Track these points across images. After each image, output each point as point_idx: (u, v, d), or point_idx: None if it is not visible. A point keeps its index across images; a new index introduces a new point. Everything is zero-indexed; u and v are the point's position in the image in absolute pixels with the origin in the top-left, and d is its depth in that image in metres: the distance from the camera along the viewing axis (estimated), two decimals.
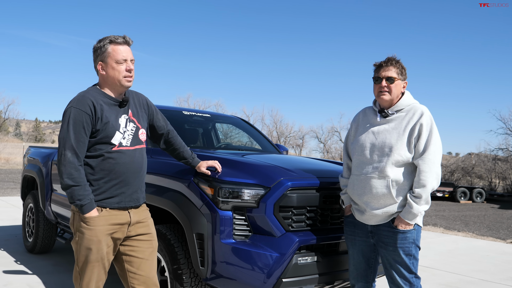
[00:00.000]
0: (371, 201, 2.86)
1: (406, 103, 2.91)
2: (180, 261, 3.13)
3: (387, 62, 2.91)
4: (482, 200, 23.73)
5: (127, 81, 2.60)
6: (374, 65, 2.97)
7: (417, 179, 2.77)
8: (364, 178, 2.89)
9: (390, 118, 2.91)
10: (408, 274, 2.84)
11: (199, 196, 3.08)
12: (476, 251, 7.79)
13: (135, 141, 2.67)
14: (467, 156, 37.00)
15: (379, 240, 2.91)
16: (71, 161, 2.44)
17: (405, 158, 2.80)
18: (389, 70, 2.89)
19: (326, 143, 48.76)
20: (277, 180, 3.06)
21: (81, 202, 2.44)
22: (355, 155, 3.00)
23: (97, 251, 2.51)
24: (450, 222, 12.93)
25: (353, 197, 2.99)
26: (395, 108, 2.91)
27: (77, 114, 2.46)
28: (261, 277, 2.89)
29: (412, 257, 2.84)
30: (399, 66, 2.91)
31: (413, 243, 2.84)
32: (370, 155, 2.89)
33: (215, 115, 5.68)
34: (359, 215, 2.97)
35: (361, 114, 3.13)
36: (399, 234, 2.81)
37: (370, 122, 3.01)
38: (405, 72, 2.95)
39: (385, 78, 2.88)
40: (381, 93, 2.89)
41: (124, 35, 2.61)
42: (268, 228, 2.99)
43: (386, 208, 2.82)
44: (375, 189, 2.84)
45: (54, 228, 5.85)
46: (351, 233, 3.05)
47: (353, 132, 3.12)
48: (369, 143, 2.92)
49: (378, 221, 2.88)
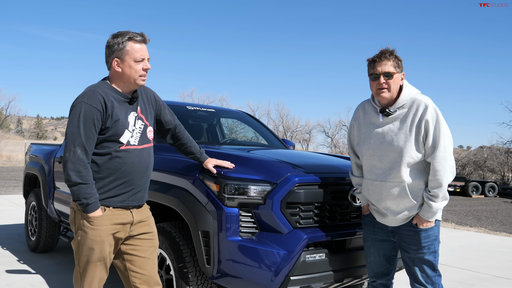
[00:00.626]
0: (390, 206, 2.82)
1: (407, 98, 2.79)
2: (185, 260, 3.14)
3: (381, 55, 2.77)
4: (494, 195, 23.62)
5: (142, 80, 2.59)
6: (368, 61, 2.85)
7: (432, 178, 2.72)
8: (379, 184, 2.84)
9: (393, 116, 2.81)
10: (431, 272, 2.82)
11: (205, 193, 3.07)
12: (489, 247, 7.75)
13: (143, 139, 2.66)
14: (478, 150, 36.80)
15: (401, 239, 2.88)
16: (81, 158, 2.42)
17: (416, 158, 2.75)
18: (385, 65, 2.76)
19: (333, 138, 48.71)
20: (284, 176, 3.04)
21: (87, 201, 2.43)
22: (365, 159, 2.95)
23: (100, 251, 2.51)
24: (462, 217, 12.88)
25: (372, 202, 2.96)
26: (396, 105, 2.80)
27: (88, 110, 2.44)
28: (269, 275, 2.88)
29: (436, 254, 2.83)
30: (394, 58, 2.78)
31: (436, 239, 2.82)
32: (380, 159, 2.84)
33: (219, 110, 5.67)
34: (380, 217, 2.94)
35: (360, 111, 3.02)
36: (422, 232, 2.78)
37: (373, 121, 2.92)
38: (401, 64, 2.82)
39: (382, 74, 2.76)
40: (380, 90, 2.78)
41: (142, 33, 2.58)
42: (275, 225, 2.98)
43: (407, 211, 2.80)
44: (392, 194, 2.79)
45: (57, 227, 5.89)
46: (371, 233, 3.02)
47: (356, 132, 3.04)
48: (377, 146, 2.85)
49: (399, 223, 2.85)
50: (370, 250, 3.06)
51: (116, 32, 2.58)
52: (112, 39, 2.56)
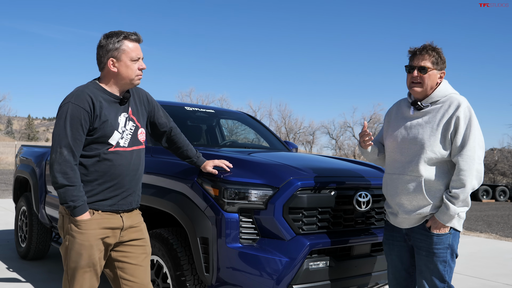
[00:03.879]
0: (404, 202, 2.82)
1: (442, 94, 2.82)
2: (183, 267, 3.14)
3: (422, 50, 2.81)
4: (505, 199, 23.63)
5: (138, 79, 2.64)
6: (409, 52, 2.88)
7: (456, 178, 2.70)
8: (396, 178, 2.86)
9: (424, 110, 2.83)
10: (440, 283, 2.75)
11: (203, 198, 3.08)
12: (500, 253, 7.75)
13: (133, 141, 2.67)
14: (489, 152, 36.81)
15: (413, 244, 2.86)
16: (67, 159, 2.44)
17: (439, 155, 2.74)
18: (423, 59, 2.79)
19: (338, 140, 48.80)
20: (286, 179, 3.05)
21: (75, 204, 2.44)
22: (388, 152, 2.98)
23: (89, 256, 2.52)
24: (472, 223, 12.88)
25: (387, 198, 2.97)
26: (429, 100, 2.83)
27: (75, 110, 2.46)
28: (270, 284, 2.88)
29: (446, 265, 2.75)
30: (435, 54, 2.80)
31: (449, 248, 2.75)
32: (401, 153, 2.85)
33: (219, 111, 5.68)
34: (393, 218, 2.94)
35: (394, 107, 3.08)
36: (434, 237, 2.74)
37: (403, 115, 2.95)
38: (442, 62, 2.84)
39: (417, 67, 2.80)
40: (413, 84, 2.82)
41: (136, 32, 2.63)
42: (277, 231, 2.98)
43: (419, 210, 2.77)
44: (407, 189, 2.79)
45: (49, 233, 5.88)
46: (389, 237, 3.01)
47: (385, 127, 3.08)
48: (401, 139, 2.87)
49: (411, 224, 2.83)
50: (388, 258, 3.04)
51: (107, 33, 2.61)
52: (106, 39, 2.58)
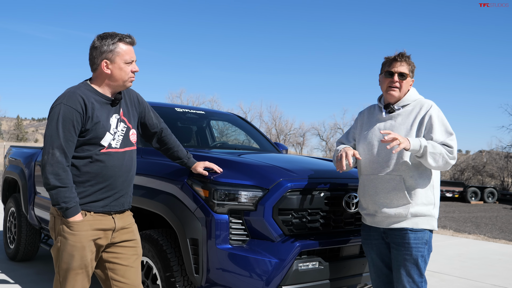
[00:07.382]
0: (384, 201, 2.88)
1: (412, 98, 2.97)
2: (173, 268, 3.13)
3: (402, 57, 2.96)
4: (494, 201, 23.82)
5: (131, 81, 2.66)
6: (386, 59, 3.01)
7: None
8: (375, 178, 2.92)
9: (396, 113, 2.95)
10: (418, 278, 2.86)
11: (193, 199, 3.08)
12: (488, 254, 7.81)
13: (125, 142, 2.67)
14: (478, 154, 37.14)
15: (391, 241, 2.93)
16: (59, 160, 2.43)
17: None
18: (403, 66, 2.94)
19: (328, 141, 48.86)
20: (276, 181, 3.06)
21: (67, 205, 2.43)
22: (363, 154, 3.03)
23: (81, 258, 2.51)
24: (460, 224, 12.98)
25: (364, 199, 3.01)
26: (401, 103, 2.96)
27: (67, 111, 2.46)
28: (260, 285, 2.89)
29: (423, 259, 2.86)
30: (411, 63, 2.98)
31: (426, 244, 2.87)
32: (378, 154, 2.92)
33: (210, 112, 5.68)
34: (370, 219, 2.98)
35: (366, 111, 3.19)
36: (411, 234, 2.83)
37: (376, 118, 3.05)
38: (414, 70, 3.02)
39: (397, 73, 2.93)
40: (391, 88, 2.94)
41: (130, 35, 2.64)
42: (266, 232, 2.99)
43: (399, 209, 2.84)
44: (387, 188, 2.86)
45: (38, 234, 5.84)
46: (367, 237, 3.07)
47: (358, 129, 3.16)
48: (376, 141, 2.95)
49: (390, 224, 2.89)
50: (369, 258, 3.09)
51: (102, 33, 2.61)
52: (100, 40, 2.57)
